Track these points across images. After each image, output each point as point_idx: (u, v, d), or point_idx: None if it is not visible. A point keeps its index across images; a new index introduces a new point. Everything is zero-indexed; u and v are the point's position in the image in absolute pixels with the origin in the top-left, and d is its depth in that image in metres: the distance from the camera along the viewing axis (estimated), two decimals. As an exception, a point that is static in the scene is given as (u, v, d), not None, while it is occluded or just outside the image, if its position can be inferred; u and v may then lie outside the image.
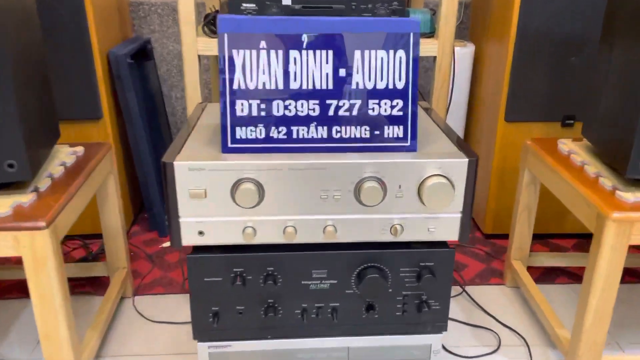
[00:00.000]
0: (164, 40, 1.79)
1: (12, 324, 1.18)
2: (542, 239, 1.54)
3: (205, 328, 0.89)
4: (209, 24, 1.34)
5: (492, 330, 1.16)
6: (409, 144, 0.83)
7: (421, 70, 1.86)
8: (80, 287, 1.30)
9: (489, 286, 1.32)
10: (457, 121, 1.60)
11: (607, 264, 0.88)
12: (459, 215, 0.84)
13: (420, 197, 0.82)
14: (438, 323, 0.92)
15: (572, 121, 1.39)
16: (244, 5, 1.31)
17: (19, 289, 1.29)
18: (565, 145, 1.12)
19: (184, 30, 1.28)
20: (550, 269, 1.38)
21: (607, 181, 0.94)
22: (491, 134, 1.46)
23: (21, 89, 0.85)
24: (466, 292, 1.29)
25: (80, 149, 1.09)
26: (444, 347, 1.11)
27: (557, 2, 1.28)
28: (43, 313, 0.86)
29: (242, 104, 0.81)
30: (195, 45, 1.29)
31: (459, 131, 1.62)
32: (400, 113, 0.82)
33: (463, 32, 1.81)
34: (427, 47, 1.34)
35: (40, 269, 0.83)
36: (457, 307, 1.24)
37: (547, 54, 1.32)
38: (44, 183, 0.92)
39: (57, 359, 0.89)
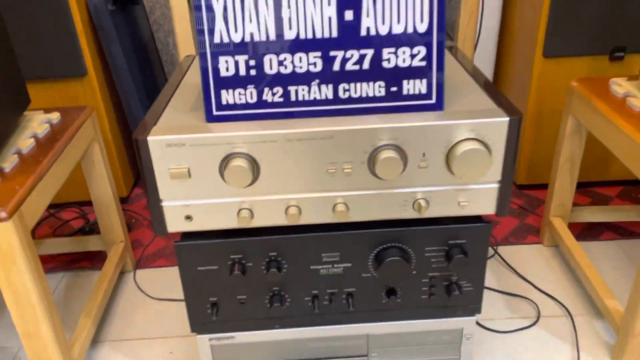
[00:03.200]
0: (153, -21, 1.60)
1: None
2: (582, 188, 1.38)
3: (204, 320, 0.79)
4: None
5: (529, 299, 1.04)
6: (434, 101, 0.68)
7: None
8: (77, 262, 1.20)
9: (524, 246, 1.19)
10: (485, 58, 1.41)
11: (675, 234, 0.74)
12: (497, 185, 0.69)
13: (449, 167, 0.67)
14: (471, 305, 0.80)
15: (622, 53, 1.19)
16: None
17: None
18: (620, 86, 0.94)
19: (167, -32, 1.10)
20: (593, 224, 1.23)
21: (676, 132, 0.78)
22: (526, 72, 1.28)
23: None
24: (498, 254, 1.16)
25: (55, 116, 0.96)
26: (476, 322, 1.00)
27: None
28: (20, 313, 0.76)
29: (226, 62, 0.65)
30: (182, -15, 1.11)
31: (488, 70, 1.44)
32: (423, 63, 0.66)
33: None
34: (452, -27, 1.14)
35: (9, 266, 0.72)
36: (489, 272, 1.11)
37: (596, -26, 1.11)
38: (9, 162, 0.80)
39: (43, 357, 0.80)
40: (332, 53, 0.65)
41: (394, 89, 0.67)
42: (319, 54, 0.65)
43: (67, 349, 0.84)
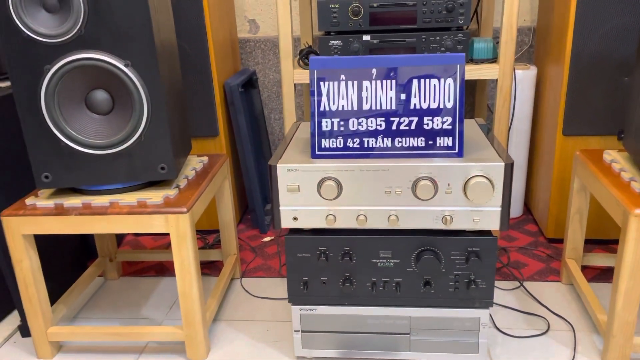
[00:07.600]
0: (266, 70, 2.13)
1: (150, 294, 1.52)
2: (605, 244, 1.65)
3: (298, 294, 1.16)
4: (302, 57, 1.63)
5: (543, 317, 1.32)
6: (456, 151, 1.05)
7: (491, 89, 2.04)
8: (200, 270, 1.62)
9: (546, 282, 1.47)
10: (521, 135, 1.77)
11: (632, 253, 1.04)
12: (499, 209, 1.04)
13: (465, 194, 1.03)
14: (485, 299, 1.11)
15: (629, 134, 1.51)
16: (332, 42, 1.61)
17: (156, 269, 1.65)
18: (609, 155, 1.27)
19: (284, 64, 1.58)
20: (606, 270, 1.50)
21: (638, 185, 1.09)
22: (551, 147, 1.61)
23: (170, 114, 1.18)
24: (523, 287, 1.45)
25: (205, 159, 1.42)
26: (497, 329, 1.29)
27: (608, 26, 1.43)
28: (182, 275, 1.17)
29: (326, 122, 1.07)
30: (292, 76, 1.59)
31: (524, 144, 1.78)
32: (450, 127, 1.05)
33: (532, 56, 1.97)
34: (490, 72, 1.54)
35: (182, 242, 1.14)
36: (513, 298, 1.41)
37: (601, 74, 1.47)
38: (182, 182, 1.25)
39: (191, 311, 1.19)
40: (391, 119, 1.06)
41: (430, 142, 1.05)
42: (383, 119, 1.06)
43: (204, 311, 1.23)
